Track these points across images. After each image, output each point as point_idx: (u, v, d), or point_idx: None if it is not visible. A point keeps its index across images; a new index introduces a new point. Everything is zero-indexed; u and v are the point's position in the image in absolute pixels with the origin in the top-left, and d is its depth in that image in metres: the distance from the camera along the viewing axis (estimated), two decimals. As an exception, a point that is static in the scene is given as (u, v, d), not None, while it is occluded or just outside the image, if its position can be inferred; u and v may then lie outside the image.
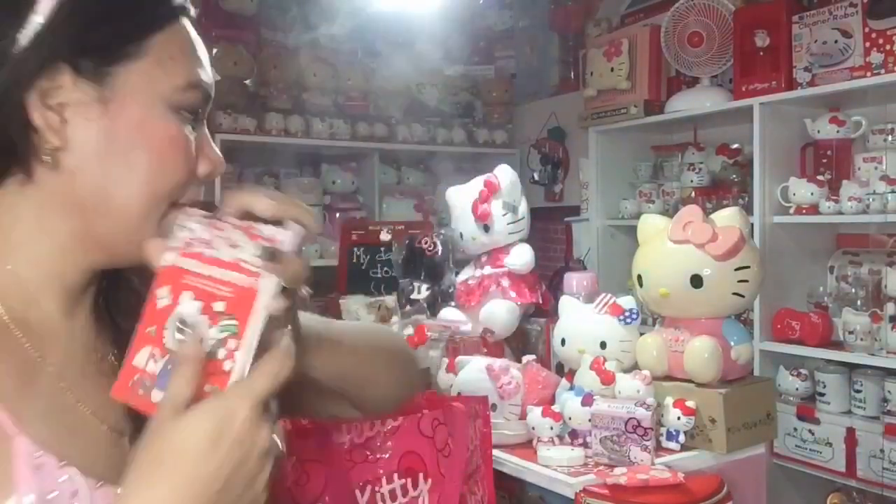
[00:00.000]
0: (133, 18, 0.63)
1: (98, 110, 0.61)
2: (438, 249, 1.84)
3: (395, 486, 1.02)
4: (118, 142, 0.62)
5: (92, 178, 0.62)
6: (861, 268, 2.54)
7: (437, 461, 1.05)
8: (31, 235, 0.63)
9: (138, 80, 0.62)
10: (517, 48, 4.24)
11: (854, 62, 2.34)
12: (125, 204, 0.63)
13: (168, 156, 0.64)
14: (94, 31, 0.61)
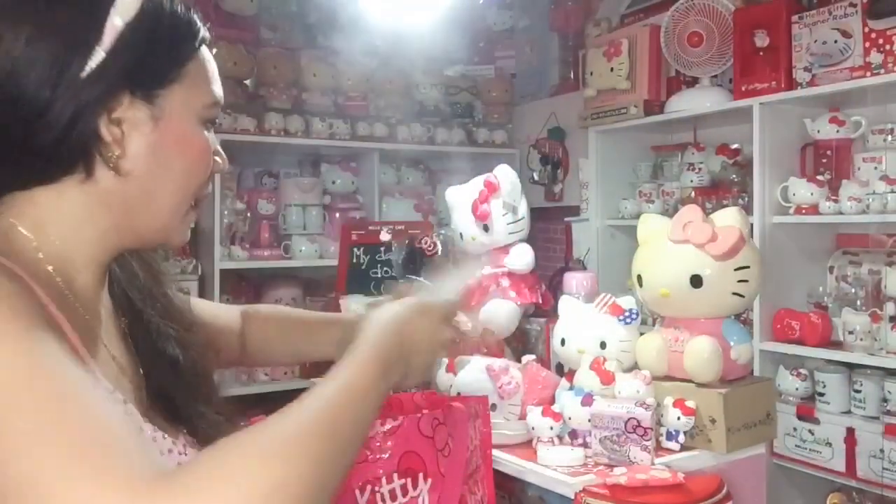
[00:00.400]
0: (173, 50, 0.78)
1: (150, 126, 0.77)
2: (438, 249, 1.84)
3: (394, 486, 1.02)
4: (163, 151, 0.78)
5: (141, 180, 0.77)
6: (861, 268, 2.54)
7: (437, 461, 1.05)
8: (81, 223, 0.77)
9: (178, 100, 0.78)
10: (517, 48, 4.24)
11: (854, 62, 2.34)
12: (164, 201, 0.79)
13: (200, 162, 0.82)
14: (146, 62, 0.75)
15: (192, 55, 0.80)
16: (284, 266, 3.47)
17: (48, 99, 0.71)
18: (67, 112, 0.71)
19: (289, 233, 3.49)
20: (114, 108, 0.74)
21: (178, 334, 0.89)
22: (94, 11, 0.73)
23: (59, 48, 0.71)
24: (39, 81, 0.71)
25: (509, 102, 4.18)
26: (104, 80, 0.72)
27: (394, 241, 1.97)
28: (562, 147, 3.92)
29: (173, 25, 0.78)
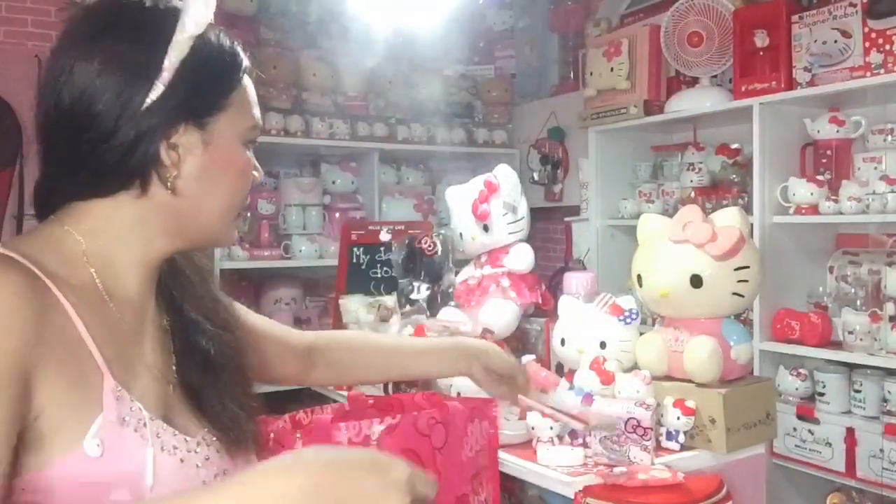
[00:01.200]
0: (221, 81, 0.87)
1: (201, 149, 0.85)
2: (438, 249, 1.84)
3: None
4: (212, 171, 0.87)
5: (192, 196, 0.86)
6: (861, 268, 2.54)
7: (435, 460, 1.05)
8: (131, 231, 0.85)
9: (226, 125, 0.87)
10: (517, 48, 4.24)
11: (854, 62, 2.34)
12: (212, 213, 0.89)
13: (243, 179, 0.91)
14: (198, 94, 0.84)
15: (236, 84, 0.88)
16: (284, 266, 3.47)
17: (113, 126, 0.80)
18: (130, 138, 0.81)
19: (289, 233, 3.49)
20: (171, 135, 0.83)
21: (213, 330, 0.94)
22: (153, 49, 0.81)
23: (122, 82, 0.80)
24: (106, 110, 0.80)
25: (509, 102, 4.18)
26: (164, 111, 0.82)
27: (394, 241, 1.97)
28: (562, 147, 3.92)
29: (221, 59, 0.87)
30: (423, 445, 1.04)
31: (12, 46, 3.47)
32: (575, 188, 3.64)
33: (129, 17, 0.83)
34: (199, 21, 0.83)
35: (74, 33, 0.86)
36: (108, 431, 0.76)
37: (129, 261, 0.86)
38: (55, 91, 0.82)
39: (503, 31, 4.29)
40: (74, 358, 0.77)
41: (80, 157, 0.82)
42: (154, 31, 0.82)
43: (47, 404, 0.74)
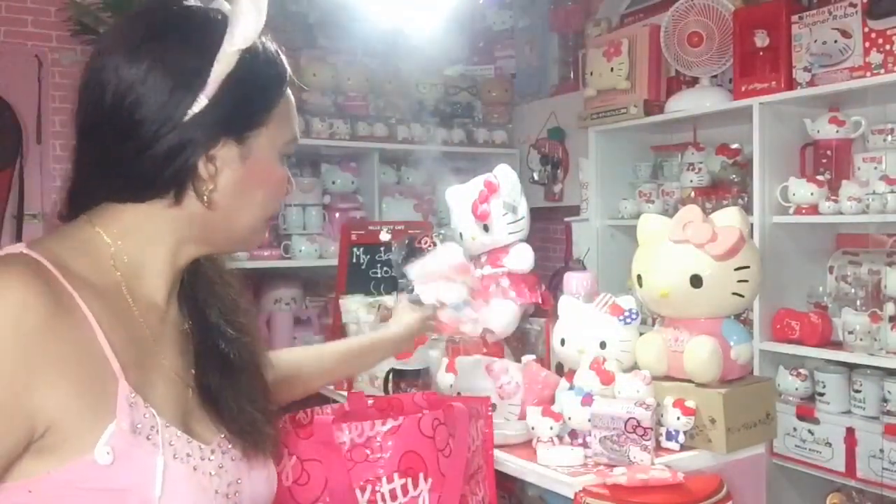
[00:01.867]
0: (264, 97, 0.86)
1: (239, 163, 0.85)
2: (438, 249, 1.84)
3: (395, 486, 1.02)
4: (248, 184, 0.86)
5: (226, 208, 0.85)
6: (861, 268, 2.54)
7: (438, 461, 1.05)
8: (160, 238, 0.85)
9: (265, 140, 0.86)
10: (517, 48, 4.24)
11: (854, 62, 2.34)
12: (242, 224, 0.89)
13: (279, 192, 0.91)
14: (240, 109, 0.84)
15: (279, 99, 0.88)
16: (284, 266, 3.47)
17: (154, 135, 0.79)
18: (169, 148, 0.80)
19: (289, 233, 3.49)
20: (210, 149, 0.82)
21: (232, 334, 0.94)
22: (200, 59, 0.81)
23: (167, 91, 0.79)
24: (149, 118, 0.79)
25: (509, 102, 4.18)
26: (205, 125, 0.81)
27: (394, 241, 1.97)
28: (562, 147, 3.92)
29: (265, 74, 0.86)
30: (425, 447, 1.04)
31: (12, 46, 3.47)
32: (575, 188, 3.64)
33: (178, 23, 0.83)
34: (248, 35, 0.82)
35: (122, 34, 0.83)
36: (120, 439, 0.75)
37: (157, 266, 0.86)
38: (98, 90, 0.80)
39: (503, 31, 4.29)
40: (88, 364, 0.76)
41: (117, 162, 0.81)
42: (202, 40, 0.81)
43: (57, 416, 0.73)
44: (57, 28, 3.54)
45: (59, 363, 0.73)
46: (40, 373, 0.72)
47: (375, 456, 1.03)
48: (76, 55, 3.57)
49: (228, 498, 0.85)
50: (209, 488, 0.82)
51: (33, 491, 0.73)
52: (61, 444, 0.73)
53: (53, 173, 3.54)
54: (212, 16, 0.83)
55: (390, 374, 1.62)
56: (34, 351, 0.72)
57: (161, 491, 0.77)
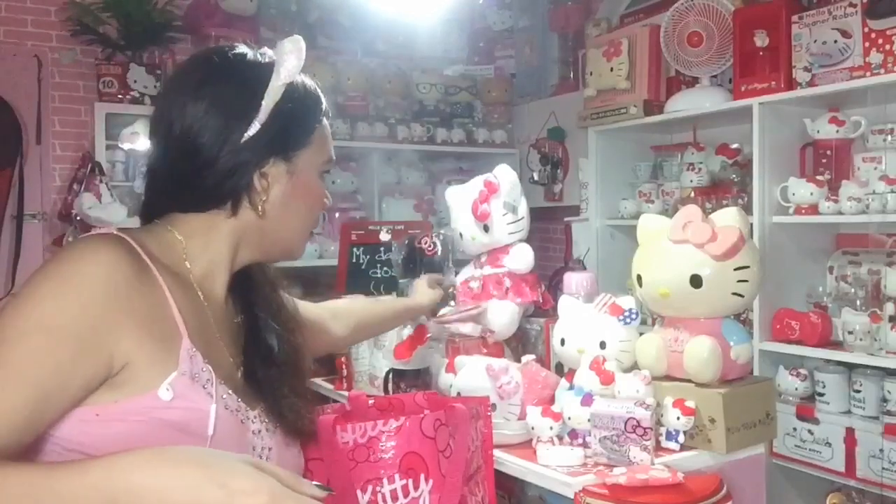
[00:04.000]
0: (306, 122, 1.02)
1: (286, 179, 1.00)
2: (438, 249, 1.84)
3: (396, 487, 1.02)
4: (294, 197, 1.01)
5: (275, 217, 1.01)
6: (860, 268, 2.54)
7: (439, 462, 1.05)
8: (222, 241, 1.00)
9: (308, 159, 1.02)
10: (517, 48, 4.24)
11: (853, 62, 2.34)
12: (290, 233, 1.05)
13: (318, 206, 1.08)
14: (288, 132, 0.99)
15: (317, 125, 1.04)
16: (284, 266, 3.46)
17: (216, 155, 0.95)
18: (229, 166, 0.95)
19: (289, 232, 3.48)
20: (263, 166, 0.97)
21: (279, 330, 1.08)
22: (252, 94, 0.96)
23: (226, 120, 0.95)
24: (211, 142, 0.94)
25: (509, 102, 4.18)
26: (258, 146, 0.96)
27: (394, 241, 1.97)
28: (562, 147, 3.92)
29: (306, 103, 1.02)
30: (427, 448, 1.04)
31: (12, 46, 3.47)
32: (575, 188, 3.64)
33: (233, 65, 0.99)
34: (291, 71, 0.97)
35: (186, 76, 1.00)
36: (180, 383, 0.88)
37: (219, 264, 1.01)
38: (168, 124, 0.96)
39: (503, 31, 4.29)
40: (161, 321, 0.89)
41: (185, 178, 0.96)
42: (254, 78, 0.97)
43: (132, 357, 0.86)
44: (57, 28, 3.54)
45: (137, 315, 0.87)
46: (123, 320, 0.85)
47: (377, 456, 1.03)
48: (76, 55, 3.57)
49: (261, 459, 0.95)
50: (249, 444, 0.95)
51: (101, 415, 0.85)
52: (132, 381, 0.86)
53: (53, 173, 3.54)
54: (259, 58, 1.00)
55: (390, 374, 1.62)
56: (119, 302, 0.85)
57: (213, 430, 0.89)
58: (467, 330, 1.62)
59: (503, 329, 1.67)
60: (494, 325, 1.65)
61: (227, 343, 1.01)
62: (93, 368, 0.84)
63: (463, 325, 1.62)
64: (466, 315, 1.62)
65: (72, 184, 3.31)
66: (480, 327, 1.63)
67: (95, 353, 0.84)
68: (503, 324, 1.66)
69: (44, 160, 3.53)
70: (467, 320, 1.61)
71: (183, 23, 3.57)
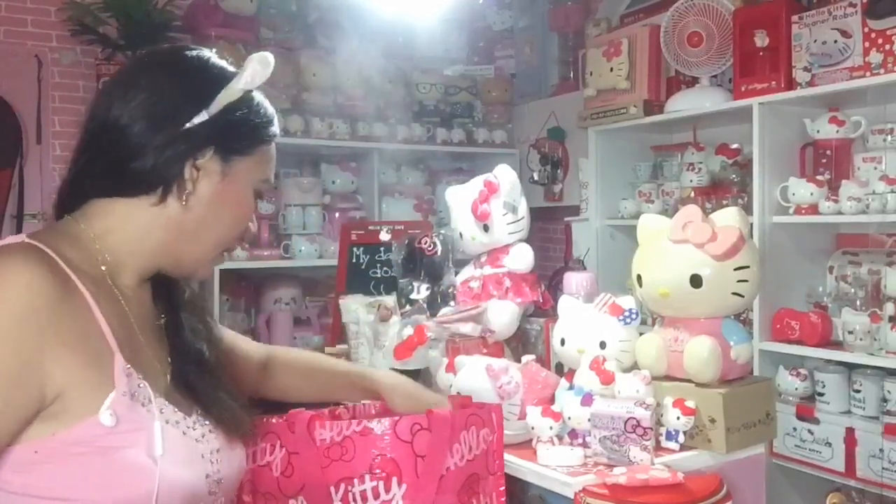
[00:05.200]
0: (255, 133, 1.03)
1: (218, 179, 0.98)
2: (438, 249, 1.84)
3: (366, 488, 1.01)
4: (221, 202, 0.99)
5: (197, 216, 0.97)
6: (860, 268, 2.54)
7: (416, 467, 1.03)
8: (139, 237, 0.96)
9: (245, 169, 1.01)
10: (517, 48, 4.24)
11: (853, 62, 2.34)
12: (207, 238, 1.00)
13: (243, 218, 1.03)
14: (233, 133, 0.99)
15: (266, 142, 1.05)
16: (284, 266, 3.47)
17: (156, 131, 0.93)
18: (166, 149, 0.93)
19: (288, 233, 3.48)
20: (198, 157, 0.95)
21: (207, 334, 1.07)
22: (211, 86, 0.97)
23: (178, 100, 0.95)
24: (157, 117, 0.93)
25: (509, 102, 4.17)
26: (200, 135, 0.95)
27: (393, 241, 1.97)
28: (562, 147, 3.92)
29: (259, 117, 1.03)
30: (401, 452, 1.02)
31: (12, 46, 3.47)
32: (575, 188, 3.64)
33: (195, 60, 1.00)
34: (253, 79, 1.00)
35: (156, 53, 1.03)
36: (120, 405, 0.85)
37: (131, 264, 0.97)
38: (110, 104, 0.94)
39: (503, 31, 4.29)
40: (90, 340, 0.86)
41: (117, 159, 0.94)
42: (213, 76, 0.99)
43: (65, 385, 0.83)
44: (57, 28, 3.54)
45: (66, 339, 0.83)
46: (50, 347, 0.82)
47: (350, 455, 1.02)
48: (76, 55, 3.57)
49: (212, 464, 0.96)
50: (196, 452, 0.94)
51: (39, 451, 0.82)
52: (67, 410, 0.83)
53: (53, 173, 3.54)
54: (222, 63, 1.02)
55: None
56: (45, 328, 0.82)
57: (162, 450, 0.87)
58: (467, 330, 1.62)
59: (503, 329, 1.67)
60: (494, 325, 1.65)
61: (152, 347, 0.98)
62: (25, 402, 0.81)
63: (463, 325, 1.62)
64: (466, 315, 1.61)
65: (72, 184, 3.31)
66: (480, 327, 1.63)
67: (26, 387, 0.81)
68: (503, 324, 1.66)
69: (44, 160, 3.53)
70: (467, 320, 1.61)
71: (183, 23, 3.57)
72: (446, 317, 1.63)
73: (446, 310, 1.69)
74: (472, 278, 1.74)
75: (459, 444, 1.07)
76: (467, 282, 1.74)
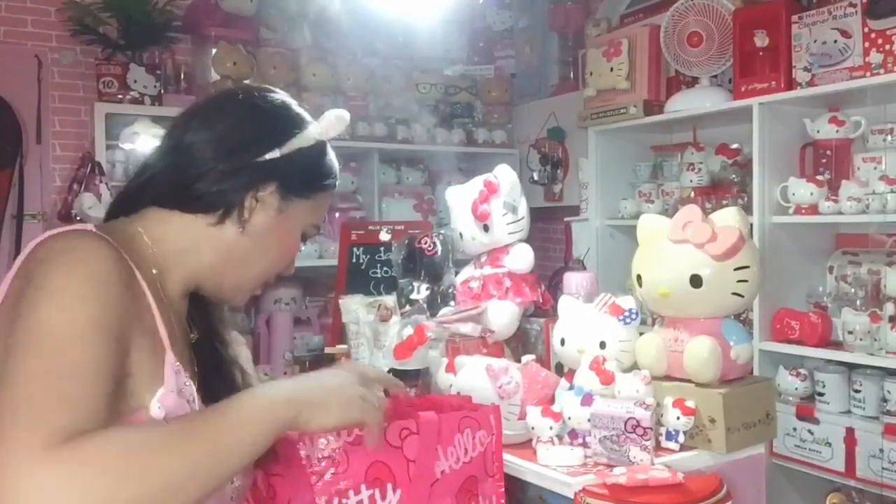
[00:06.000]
0: (318, 180, 1.07)
1: (273, 214, 1.02)
2: (438, 249, 1.84)
3: (362, 498, 0.99)
4: (272, 235, 1.03)
5: (247, 245, 1.02)
6: (860, 268, 2.54)
7: (408, 471, 1.02)
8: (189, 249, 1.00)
9: (300, 211, 1.05)
10: (517, 48, 4.24)
11: (853, 62, 2.34)
12: (252, 268, 1.05)
13: (285, 258, 1.08)
14: (298, 175, 1.03)
15: (325, 189, 1.09)
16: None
17: (230, 157, 0.98)
18: (232, 176, 0.98)
19: (289, 233, 3.48)
20: (261, 189, 1.00)
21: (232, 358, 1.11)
22: (290, 127, 1.03)
23: (256, 132, 1.01)
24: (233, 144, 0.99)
25: (509, 102, 4.17)
26: (267, 169, 1.00)
27: (393, 241, 1.97)
28: (562, 147, 3.92)
29: (326, 166, 1.08)
30: (393, 457, 1.01)
31: (12, 46, 3.47)
32: (575, 188, 3.64)
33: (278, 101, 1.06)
34: (327, 131, 1.06)
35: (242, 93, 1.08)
36: (170, 400, 0.88)
37: (178, 274, 1.00)
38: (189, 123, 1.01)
39: (503, 31, 4.29)
40: (150, 331, 0.90)
41: (186, 175, 0.98)
42: (295, 118, 1.05)
43: (132, 368, 0.86)
44: (57, 28, 3.54)
45: (138, 323, 0.87)
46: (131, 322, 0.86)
47: (342, 468, 0.98)
48: (76, 55, 3.57)
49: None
50: None
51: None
52: (127, 395, 0.85)
53: (53, 173, 3.54)
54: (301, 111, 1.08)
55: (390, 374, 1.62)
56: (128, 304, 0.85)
57: None
58: (467, 330, 1.62)
59: (503, 329, 1.67)
60: (494, 325, 1.65)
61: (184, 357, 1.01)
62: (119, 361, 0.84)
63: (463, 325, 1.62)
64: (466, 315, 1.61)
65: (72, 184, 3.31)
66: (480, 327, 1.63)
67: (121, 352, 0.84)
68: (503, 324, 1.66)
69: (44, 160, 3.53)
70: (467, 320, 1.61)
71: (183, 23, 3.57)
72: (446, 317, 1.63)
73: (446, 310, 1.69)
74: (472, 278, 1.74)
75: (454, 447, 1.06)
76: (467, 282, 1.74)
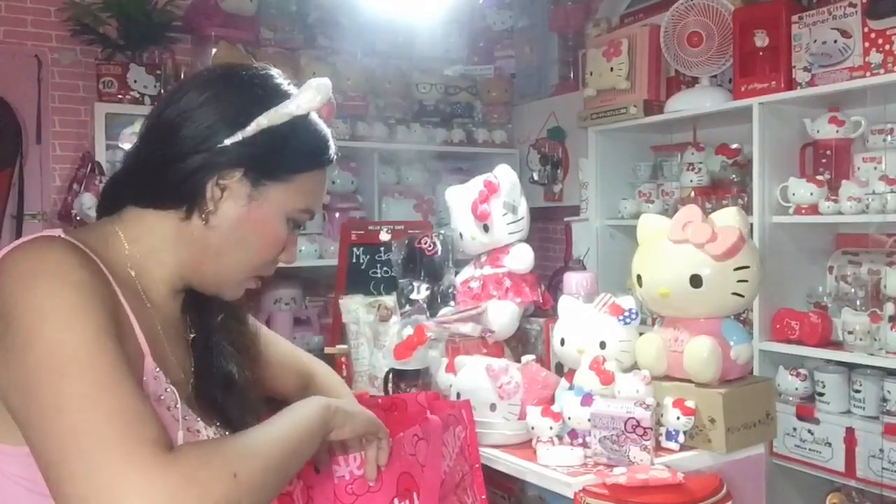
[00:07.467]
0: (295, 160, 0.96)
1: (244, 202, 0.94)
2: (438, 249, 1.84)
3: None
4: (245, 227, 0.95)
5: (220, 238, 0.94)
6: (860, 268, 2.54)
7: (423, 475, 1.03)
8: (165, 249, 0.95)
9: (278, 196, 0.96)
10: (517, 48, 4.24)
11: (853, 62, 2.34)
12: (229, 263, 0.97)
13: (269, 248, 0.99)
14: (268, 159, 0.94)
15: (307, 169, 0.98)
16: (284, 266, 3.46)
17: (189, 149, 0.91)
18: (196, 165, 0.91)
19: (288, 233, 3.48)
20: (224, 176, 0.92)
21: (238, 357, 1.05)
22: (253, 107, 0.93)
23: (215, 119, 0.92)
24: (191, 136, 0.91)
25: (509, 102, 4.18)
26: (230, 155, 0.92)
27: (393, 241, 1.97)
28: (561, 147, 3.92)
29: (307, 144, 0.97)
30: (412, 465, 1.03)
31: (12, 46, 3.47)
32: (575, 188, 3.64)
33: (253, 78, 0.97)
34: (303, 105, 0.94)
35: (204, 73, 0.99)
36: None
37: (159, 274, 0.96)
38: (164, 106, 0.95)
39: (503, 31, 4.29)
40: (127, 337, 0.85)
41: (153, 167, 0.93)
42: (265, 95, 0.94)
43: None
44: (57, 28, 3.54)
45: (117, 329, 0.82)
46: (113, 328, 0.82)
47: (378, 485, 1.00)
48: (76, 55, 3.57)
49: None
50: None
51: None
52: None
53: (53, 173, 3.54)
54: (283, 84, 0.97)
55: (390, 374, 1.62)
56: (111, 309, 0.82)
57: None
58: (467, 330, 1.62)
59: (503, 329, 1.67)
60: (494, 325, 1.65)
61: (177, 356, 0.98)
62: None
63: (463, 325, 1.62)
64: (466, 315, 1.61)
65: (72, 184, 3.31)
66: (480, 327, 1.63)
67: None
68: (503, 324, 1.66)
69: (44, 160, 3.53)
70: (467, 320, 1.61)
71: (183, 23, 3.57)
72: (446, 317, 1.63)
73: (446, 310, 1.69)
74: (472, 278, 1.74)
75: (445, 447, 1.08)
76: (467, 282, 1.74)
